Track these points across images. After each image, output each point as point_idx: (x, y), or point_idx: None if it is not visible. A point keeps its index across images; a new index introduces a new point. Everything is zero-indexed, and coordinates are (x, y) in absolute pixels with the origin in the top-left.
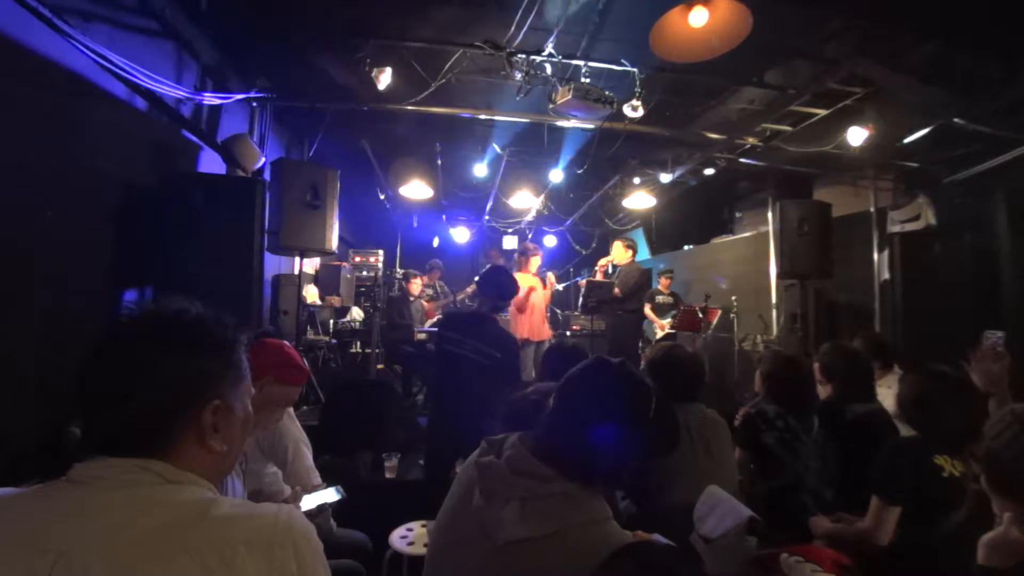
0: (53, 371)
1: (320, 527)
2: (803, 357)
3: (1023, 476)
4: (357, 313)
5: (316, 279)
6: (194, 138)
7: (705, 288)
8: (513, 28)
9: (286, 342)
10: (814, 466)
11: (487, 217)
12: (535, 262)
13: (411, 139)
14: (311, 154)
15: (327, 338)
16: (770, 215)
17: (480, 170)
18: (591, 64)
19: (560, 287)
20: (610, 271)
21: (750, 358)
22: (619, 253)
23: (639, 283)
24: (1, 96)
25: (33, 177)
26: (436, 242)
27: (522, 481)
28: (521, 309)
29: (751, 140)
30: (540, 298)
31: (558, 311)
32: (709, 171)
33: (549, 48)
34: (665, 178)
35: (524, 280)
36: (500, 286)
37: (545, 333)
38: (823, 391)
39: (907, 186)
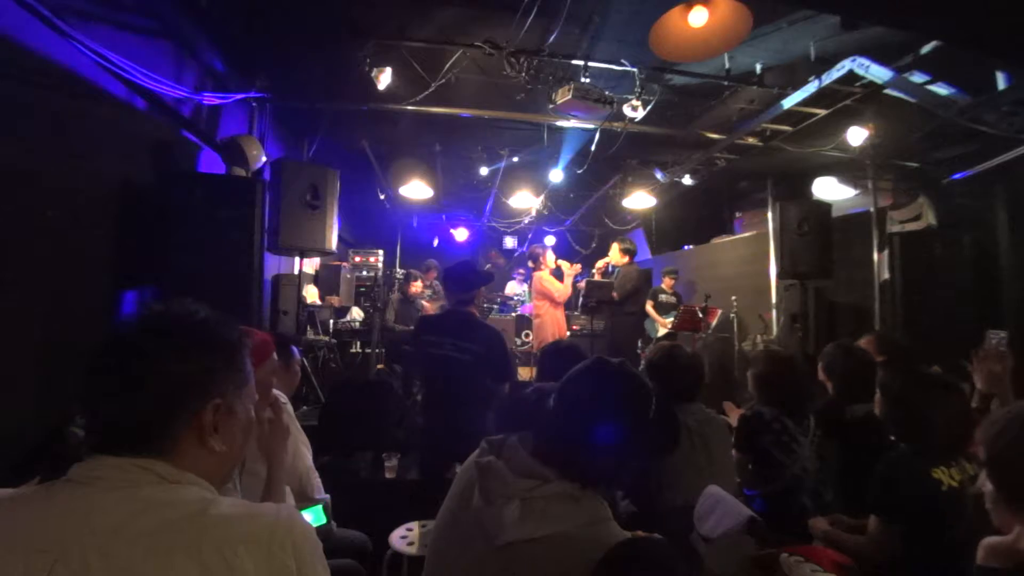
0: (53, 371)
1: (321, 528)
2: (796, 357)
3: None
4: (357, 313)
5: (316, 279)
6: (194, 138)
7: (705, 288)
8: (513, 28)
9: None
10: (812, 467)
11: (487, 217)
12: (551, 257)
13: (411, 139)
14: (311, 154)
15: (327, 338)
16: (770, 215)
17: (481, 170)
18: (591, 64)
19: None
20: (610, 270)
21: (752, 357)
22: (615, 256)
23: (637, 286)
24: (1, 96)
25: (33, 177)
26: (436, 242)
27: (522, 481)
28: (557, 305)
29: (751, 140)
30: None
31: None
32: (708, 170)
33: (549, 48)
34: (664, 178)
35: (554, 281)
36: (462, 280)
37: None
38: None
39: (907, 186)
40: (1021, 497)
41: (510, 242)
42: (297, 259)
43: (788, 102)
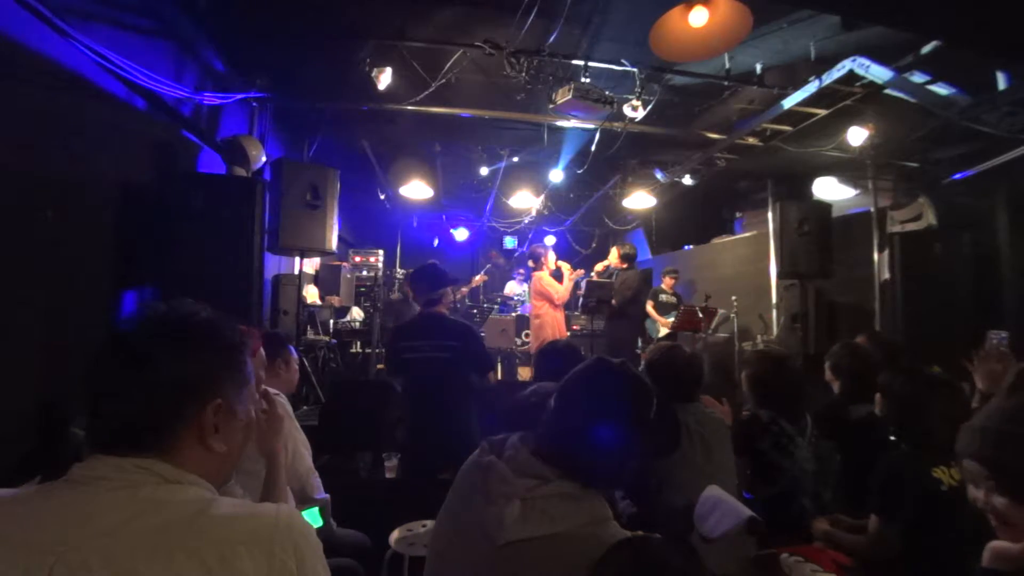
0: (53, 371)
1: (320, 528)
2: (789, 356)
3: None
4: (357, 313)
5: (316, 279)
6: (194, 138)
7: (705, 288)
8: (513, 28)
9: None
10: (810, 468)
11: (487, 217)
12: (551, 257)
13: (411, 139)
14: (311, 154)
15: (327, 338)
16: (770, 215)
17: (481, 170)
18: (591, 64)
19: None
20: (609, 270)
21: (746, 359)
22: (614, 260)
23: (635, 292)
24: (1, 96)
25: (33, 177)
26: (436, 242)
27: (523, 481)
28: (557, 307)
29: (751, 140)
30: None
31: None
32: (708, 170)
33: (549, 48)
34: (664, 178)
35: (555, 282)
36: (428, 279)
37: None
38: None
39: (907, 186)
40: None
41: (510, 242)
42: (297, 259)
43: (788, 102)
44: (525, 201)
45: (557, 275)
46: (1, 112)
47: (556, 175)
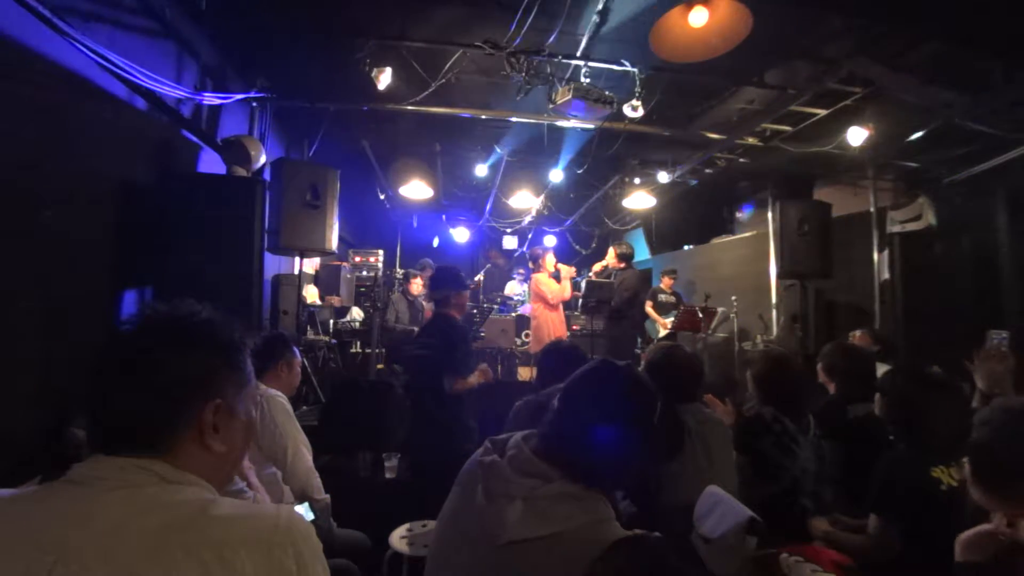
0: (53, 371)
1: (320, 527)
2: (794, 357)
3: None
4: (357, 313)
5: (316, 279)
6: (194, 138)
7: (705, 288)
8: (513, 28)
9: None
10: (811, 468)
11: (487, 217)
12: (550, 259)
13: (411, 139)
14: (311, 154)
15: (327, 338)
16: (770, 215)
17: (481, 170)
18: (591, 64)
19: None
20: (608, 268)
21: (750, 358)
22: (611, 259)
23: (634, 292)
24: (1, 96)
25: (32, 177)
26: (436, 242)
27: (524, 481)
28: (553, 308)
29: (751, 140)
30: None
31: None
32: (708, 170)
33: (549, 48)
34: (664, 178)
35: (551, 283)
36: (433, 280)
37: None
38: (831, 390)
39: (907, 186)
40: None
41: (510, 242)
42: (297, 259)
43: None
44: (525, 201)
45: (557, 277)
46: (1, 112)
47: (556, 175)
